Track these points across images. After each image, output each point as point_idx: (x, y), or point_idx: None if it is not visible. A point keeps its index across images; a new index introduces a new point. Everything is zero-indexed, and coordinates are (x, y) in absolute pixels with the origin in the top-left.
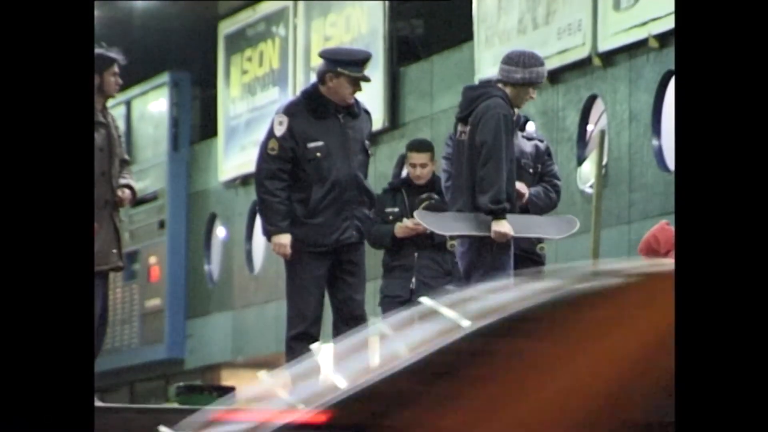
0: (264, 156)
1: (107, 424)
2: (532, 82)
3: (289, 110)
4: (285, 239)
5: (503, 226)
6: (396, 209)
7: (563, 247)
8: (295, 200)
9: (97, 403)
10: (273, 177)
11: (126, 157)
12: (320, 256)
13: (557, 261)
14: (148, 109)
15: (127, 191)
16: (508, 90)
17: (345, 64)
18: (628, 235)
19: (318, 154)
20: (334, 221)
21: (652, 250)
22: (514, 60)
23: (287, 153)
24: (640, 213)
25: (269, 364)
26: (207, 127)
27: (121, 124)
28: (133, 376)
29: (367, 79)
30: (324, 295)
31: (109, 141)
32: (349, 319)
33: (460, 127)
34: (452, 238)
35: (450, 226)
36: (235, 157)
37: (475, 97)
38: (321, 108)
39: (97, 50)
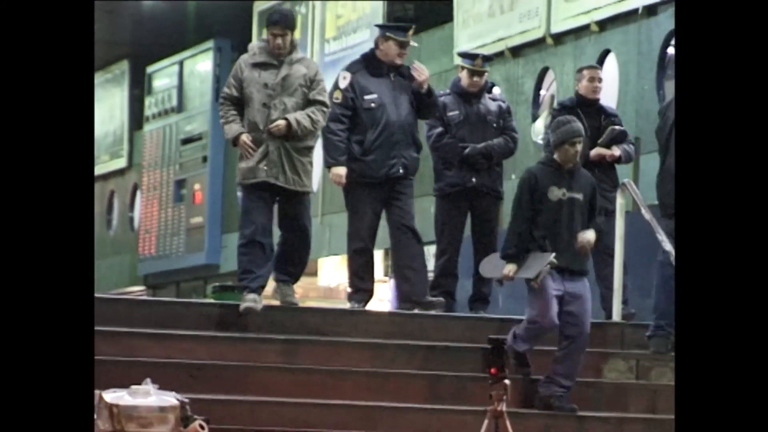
0: (330, 103)
1: (158, 314)
2: (563, 140)
3: (352, 68)
4: (341, 171)
5: (506, 269)
6: None
7: None
8: (354, 141)
9: (150, 298)
10: (336, 120)
11: (318, 98)
12: (373, 187)
13: None
14: (197, 68)
15: (281, 122)
16: (554, 153)
17: (392, 30)
18: None
19: (372, 105)
20: (384, 159)
21: None
22: (549, 127)
23: (348, 102)
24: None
25: None
26: None
27: (174, 81)
28: (178, 277)
29: (409, 43)
30: (378, 218)
31: (273, 82)
32: (400, 226)
33: None
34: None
35: (490, 270)
36: None
37: None
38: (376, 68)
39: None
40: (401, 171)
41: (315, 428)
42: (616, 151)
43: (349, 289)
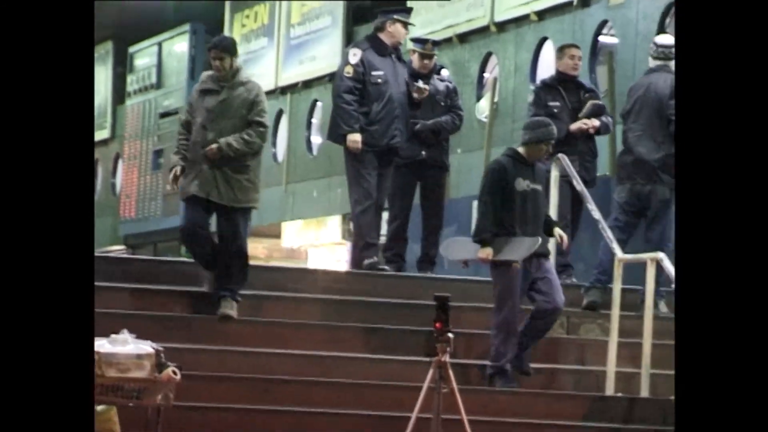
0: (341, 77)
1: (136, 271)
2: (540, 140)
3: (361, 47)
4: (357, 137)
5: (483, 252)
6: (558, 103)
7: (464, 159)
8: (360, 113)
9: (130, 256)
10: (349, 92)
11: (255, 119)
12: (375, 154)
13: (461, 171)
14: (174, 49)
15: (213, 146)
16: (522, 149)
17: (400, 13)
18: None
19: (379, 80)
20: (386, 129)
21: None
22: (525, 126)
23: (359, 76)
24: (519, 136)
25: (254, 233)
26: None
27: (153, 60)
28: (156, 238)
29: (412, 24)
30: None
31: (212, 105)
32: (378, 207)
33: None
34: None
35: (457, 252)
36: None
37: None
38: (381, 48)
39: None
40: (399, 141)
41: (276, 375)
42: (596, 122)
43: (360, 244)
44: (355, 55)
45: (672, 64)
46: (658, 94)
